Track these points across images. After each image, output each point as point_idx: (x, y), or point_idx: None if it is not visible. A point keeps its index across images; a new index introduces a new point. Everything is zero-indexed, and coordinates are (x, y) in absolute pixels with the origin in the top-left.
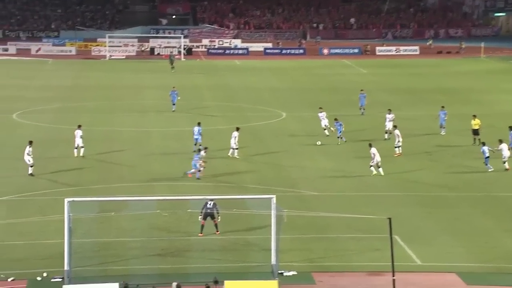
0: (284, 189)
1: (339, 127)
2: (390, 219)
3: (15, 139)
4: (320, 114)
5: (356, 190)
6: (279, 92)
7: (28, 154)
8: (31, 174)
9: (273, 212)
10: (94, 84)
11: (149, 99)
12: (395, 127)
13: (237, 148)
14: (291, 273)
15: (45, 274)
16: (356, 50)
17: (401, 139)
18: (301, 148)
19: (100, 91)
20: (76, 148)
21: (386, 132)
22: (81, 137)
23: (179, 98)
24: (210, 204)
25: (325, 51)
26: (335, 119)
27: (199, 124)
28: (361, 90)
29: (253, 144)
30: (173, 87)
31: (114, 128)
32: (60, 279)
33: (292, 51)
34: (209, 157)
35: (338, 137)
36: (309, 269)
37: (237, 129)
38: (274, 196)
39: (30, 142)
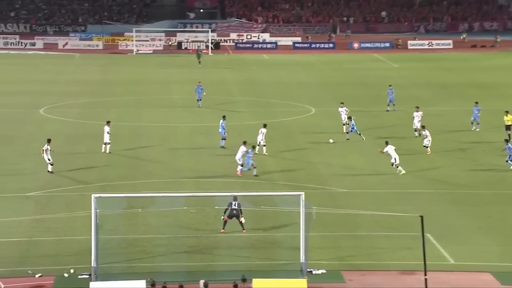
0: (313, 186)
1: (352, 126)
2: (422, 217)
3: (43, 134)
4: (340, 109)
5: (386, 187)
6: (308, 87)
7: (46, 152)
8: (50, 172)
9: (302, 209)
10: (121, 79)
11: (176, 94)
12: (423, 127)
13: (264, 145)
14: (320, 271)
15: (72, 271)
16: (387, 44)
17: (430, 139)
18: (330, 145)
19: (127, 86)
20: (105, 144)
21: (415, 130)
22: (108, 133)
23: (204, 93)
24: (235, 205)
25: (356, 45)
26: (349, 117)
27: (224, 117)
28: (389, 85)
29: (282, 140)
30: (199, 82)
31: (141, 124)
32: (87, 276)
33: (322, 45)
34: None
35: (359, 134)
36: (339, 267)
37: (264, 125)
38: (303, 193)
39: (49, 140)
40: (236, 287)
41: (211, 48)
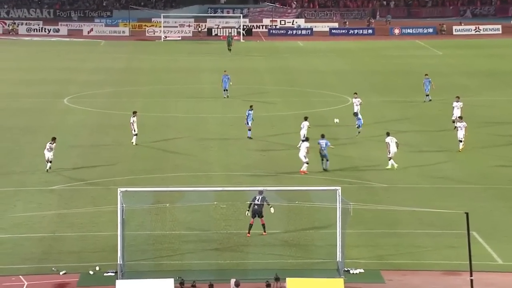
0: (350, 180)
1: (358, 121)
2: (467, 213)
3: (67, 125)
4: (354, 100)
5: (429, 182)
6: (345, 76)
7: (48, 150)
8: (47, 170)
9: (338, 205)
10: (148, 67)
11: (205, 83)
12: (460, 118)
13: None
14: (358, 271)
15: (97, 268)
16: (430, 30)
17: (464, 132)
18: (369, 136)
19: (154, 75)
20: (135, 135)
21: (453, 122)
22: (133, 123)
23: (231, 83)
24: (258, 199)
25: (396, 31)
26: (354, 114)
27: (251, 107)
28: (425, 74)
29: (317, 132)
30: (224, 71)
31: (168, 114)
32: (113, 274)
33: (360, 31)
34: (270, 146)
35: (357, 127)
36: (378, 266)
37: (306, 118)
38: (340, 188)
39: (54, 139)
40: (269, 286)
41: (243, 34)
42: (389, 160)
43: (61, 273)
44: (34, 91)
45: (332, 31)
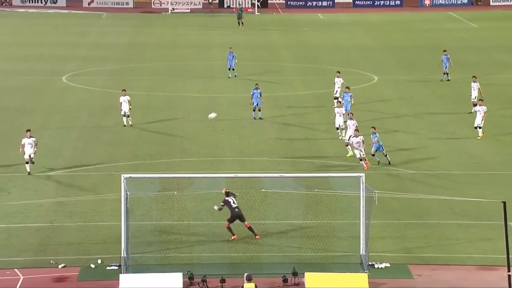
0: (375, 167)
1: (347, 100)
2: (504, 202)
3: (65, 105)
4: (336, 80)
5: (462, 168)
6: (370, 52)
7: (28, 147)
8: (29, 173)
9: (362, 193)
10: (154, 42)
11: (217, 60)
12: (481, 101)
13: (343, 128)
14: (383, 265)
15: (99, 261)
16: (465, 1)
17: (483, 115)
18: (395, 118)
19: (161, 51)
20: (125, 116)
21: (474, 105)
22: (128, 102)
23: (236, 61)
24: (234, 202)
25: (427, 2)
26: (347, 88)
27: (257, 86)
28: (444, 50)
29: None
30: (230, 48)
31: (176, 94)
32: (117, 267)
33: (387, 3)
34: (287, 129)
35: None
36: (405, 260)
37: (339, 101)
38: (363, 174)
39: (29, 131)
40: (286, 281)
41: (258, 6)
42: (346, 146)
43: (59, 266)
44: (29, 68)
45: (356, 2)
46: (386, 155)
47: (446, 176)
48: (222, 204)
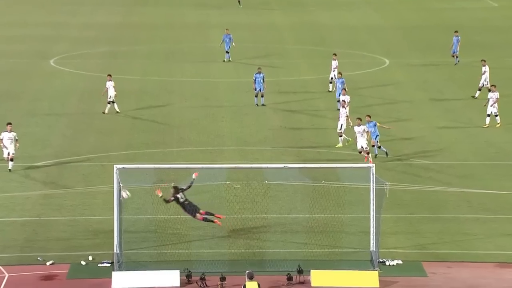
0: (386, 157)
1: (339, 88)
2: None
3: (53, 90)
4: (333, 63)
5: (480, 158)
6: (381, 32)
7: (11, 141)
8: (10, 170)
9: (372, 185)
10: (148, 22)
11: (216, 41)
12: (493, 86)
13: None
14: (395, 262)
15: (90, 258)
16: None
17: (494, 101)
18: (408, 104)
19: (156, 31)
20: (109, 103)
21: (479, 89)
22: (109, 88)
23: (233, 44)
24: (182, 197)
25: None
26: (339, 73)
27: (259, 70)
28: (455, 31)
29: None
30: (226, 30)
31: (173, 78)
32: (109, 264)
33: None
34: (292, 116)
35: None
36: (419, 257)
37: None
38: (374, 165)
39: (10, 124)
40: (290, 279)
41: None
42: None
43: (47, 263)
44: (15, 50)
45: None
46: (380, 146)
47: (463, 167)
48: (172, 198)
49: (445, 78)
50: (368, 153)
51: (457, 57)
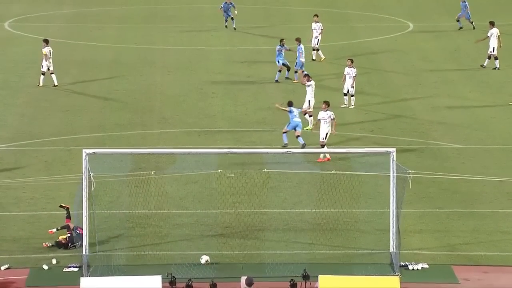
0: (409, 140)
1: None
2: None
3: (8, 59)
4: (314, 25)
5: None
6: None
7: None
8: None
9: (392, 174)
10: None
11: (205, 2)
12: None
13: (352, 95)
14: (420, 266)
15: (54, 261)
16: None
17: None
18: (437, 77)
19: None
20: (43, 74)
21: (489, 57)
22: (49, 56)
23: (236, 12)
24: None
25: None
26: (296, 39)
27: (282, 42)
28: None
29: (363, 72)
30: None
31: (154, 46)
32: (77, 269)
33: None
34: (296, 92)
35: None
36: (449, 260)
37: (351, 61)
38: (394, 149)
39: None
40: (295, 286)
41: None
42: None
43: (2, 267)
44: None
45: None
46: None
47: (502, 152)
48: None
49: (480, 46)
50: (323, 146)
51: (459, 21)
